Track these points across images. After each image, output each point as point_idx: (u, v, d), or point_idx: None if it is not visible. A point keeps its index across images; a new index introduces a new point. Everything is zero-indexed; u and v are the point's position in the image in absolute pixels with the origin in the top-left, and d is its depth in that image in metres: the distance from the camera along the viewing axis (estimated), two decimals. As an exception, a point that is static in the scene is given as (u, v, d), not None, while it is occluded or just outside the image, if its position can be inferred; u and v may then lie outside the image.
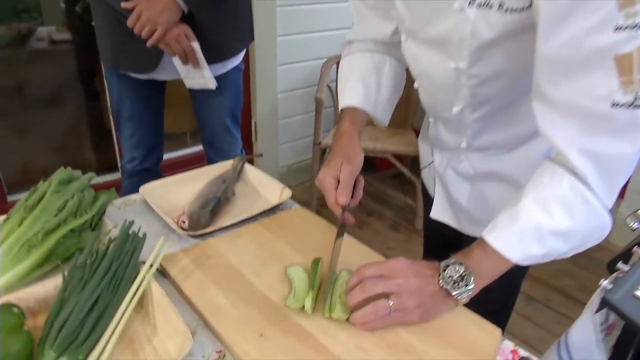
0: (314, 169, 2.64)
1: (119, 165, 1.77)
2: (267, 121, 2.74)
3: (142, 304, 0.77)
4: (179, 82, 1.59)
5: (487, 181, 1.00)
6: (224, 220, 0.96)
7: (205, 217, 0.95)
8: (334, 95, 2.67)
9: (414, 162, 2.80)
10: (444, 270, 0.71)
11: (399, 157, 2.63)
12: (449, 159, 1.06)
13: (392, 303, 0.68)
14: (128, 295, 0.74)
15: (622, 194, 2.46)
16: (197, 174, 1.15)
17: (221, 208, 1.02)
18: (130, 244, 0.83)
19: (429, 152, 1.14)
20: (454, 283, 0.70)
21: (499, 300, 1.11)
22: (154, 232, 0.94)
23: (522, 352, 0.71)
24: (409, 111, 2.77)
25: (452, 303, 0.72)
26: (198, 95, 1.70)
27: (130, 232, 0.86)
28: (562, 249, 0.69)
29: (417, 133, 2.67)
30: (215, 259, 0.85)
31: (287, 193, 1.05)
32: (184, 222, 0.91)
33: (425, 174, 1.22)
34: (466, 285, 0.70)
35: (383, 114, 1.03)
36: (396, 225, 2.72)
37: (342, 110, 0.99)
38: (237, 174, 1.14)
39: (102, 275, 0.76)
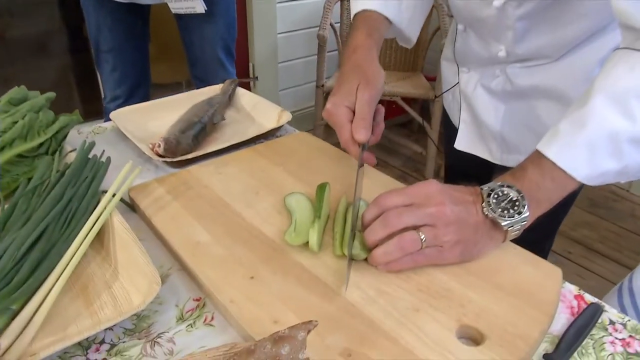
0: (318, 116, 2.45)
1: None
2: (266, 64, 2.53)
3: (103, 242, 0.61)
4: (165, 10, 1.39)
5: (527, 99, 0.83)
6: (210, 147, 0.79)
7: (186, 142, 0.77)
8: (338, 35, 2.45)
9: (423, 109, 2.61)
10: (489, 195, 0.54)
11: (408, 102, 2.43)
12: (479, 77, 0.88)
13: (423, 236, 0.52)
14: (82, 231, 0.58)
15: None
16: (180, 98, 0.97)
17: (207, 134, 0.85)
18: (90, 170, 0.67)
19: (453, 71, 0.96)
20: (503, 211, 0.53)
21: (537, 242, 0.94)
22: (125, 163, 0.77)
23: (589, 297, 0.55)
24: (418, 54, 2.56)
25: (500, 237, 0.56)
26: (186, 23, 1.50)
27: (91, 156, 0.69)
28: None
29: (427, 78, 2.50)
30: (197, 189, 0.68)
31: (287, 116, 0.87)
32: (159, 145, 0.74)
33: (448, 99, 1.04)
34: (519, 213, 0.53)
35: (409, 25, 0.82)
36: (405, 176, 2.55)
37: (355, 17, 0.78)
38: (228, 98, 0.96)
39: (50, 206, 0.60)
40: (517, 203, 0.53)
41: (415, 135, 2.79)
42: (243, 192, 0.67)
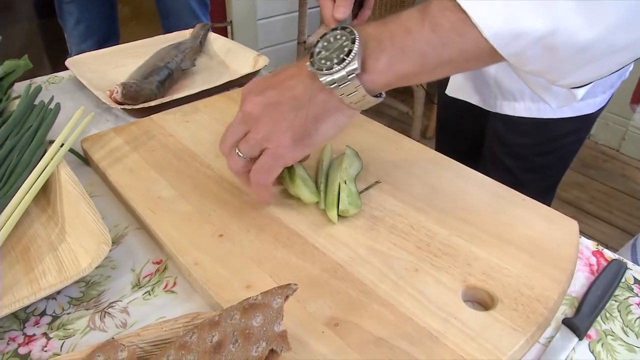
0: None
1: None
2: (244, 22, 2.39)
3: (50, 199, 0.52)
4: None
5: None
6: (177, 95, 0.70)
7: (149, 87, 0.68)
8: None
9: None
10: (316, 45, 0.41)
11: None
12: None
13: (239, 151, 0.44)
14: (24, 185, 0.49)
15: (637, 98, 2.22)
16: (145, 43, 0.87)
17: (174, 81, 0.75)
18: (36, 118, 0.57)
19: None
20: (323, 63, 0.39)
21: (546, 178, 0.87)
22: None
23: (609, 254, 0.48)
24: (406, 7, 2.43)
25: (337, 104, 0.41)
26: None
27: (38, 102, 0.60)
28: (580, 32, 0.34)
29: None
30: (160, 139, 0.59)
31: (264, 60, 0.78)
32: (117, 90, 0.64)
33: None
34: (340, 62, 0.38)
35: None
36: (393, 138, 2.47)
37: None
38: (199, 44, 0.86)
39: (-16, 157, 0.50)
40: (344, 50, 0.38)
41: (401, 96, 2.70)
42: (213, 141, 0.58)
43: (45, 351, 0.38)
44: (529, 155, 0.84)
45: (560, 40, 0.35)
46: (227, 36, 2.39)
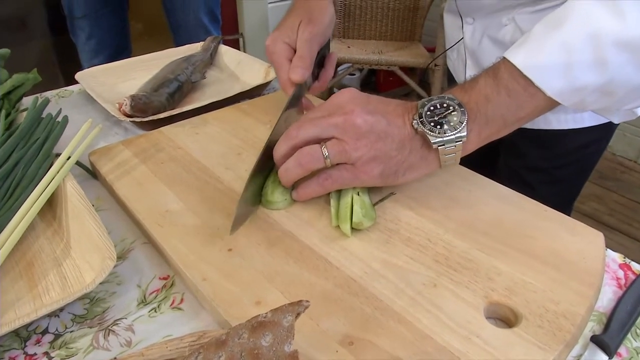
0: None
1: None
2: (256, 36, 2.40)
3: (56, 213, 0.51)
4: None
5: None
6: (187, 107, 0.69)
7: (159, 100, 0.67)
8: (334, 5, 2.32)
9: (421, 82, 2.50)
10: (424, 107, 0.44)
11: (406, 73, 2.32)
12: (485, 28, 0.78)
13: (327, 152, 0.43)
14: (30, 198, 0.48)
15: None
16: (155, 57, 0.87)
17: (184, 94, 0.75)
18: (43, 131, 0.57)
19: (457, 26, 0.86)
20: (436, 125, 0.43)
21: (565, 191, 0.85)
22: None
23: (637, 266, 0.46)
24: (416, 22, 2.43)
25: (434, 160, 0.46)
26: (167, -14, 1.38)
27: (45, 115, 0.59)
28: (633, 77, 0.41)
29: (426, 49, 2.38)
30: (169, 152, 0.58)
31: (274, 73, 0.77)
32: (125, 103, 0.64)
33: (452, 58, 0.94)
34: (454, 129, 0.43)
35: None
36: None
37: None
38: (210, 56, 0.85)
39: (-10, 171, 0.50)
40: (454, 117, 0.43)
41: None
42: (223, 153, 0.57)
43: (47, 371, 0.36)
44: (547, 168, 0.81)
45: (616, 86, 0.41)
46: (239, 49, 2.40)
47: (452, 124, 0.43)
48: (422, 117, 0.44)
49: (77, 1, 1.35)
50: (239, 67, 0.84)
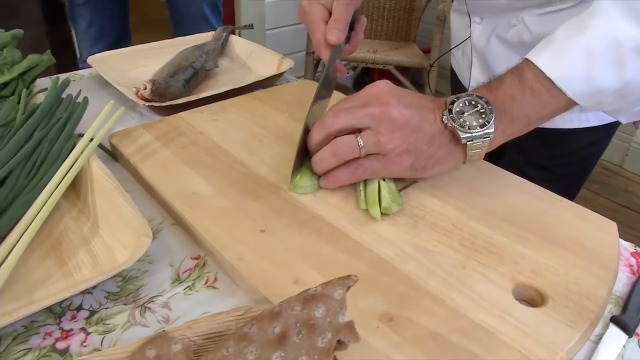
0: (307, 86, 2.34)
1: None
2: (253, 32, 2.39)
3: (80, 193, 0.51)
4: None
5: None
6: (203, 94, 0.69)
7: (176, 86, 0.67)
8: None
9: (414, 82, 2.53)
10: (453, 103, 0.46)
11: (400, 73, 2.34)
12: (494, 27, 0.79)
13: (362, 142, 0.45)
14: (54, 178, 0.48)
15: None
16: (165, 45, 0.87)
17: (199, 82, 0.75)
18: (64, 111, 0.56)
19: (465, 24, 0.87)
20: (465, 122, 0.45)
21: (566, 189, 0.87)
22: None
23: (650, 257, 0.48)
24: (411, 23, 2.46)
25: (460, 155, 0.47)
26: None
27: (65, 96, 0.59)
28: None
29: (422, 50, 2.41)
30: (190, 136, 0.58)
31: (289, 63, 0.78)
32: (145, 87, 0.64)
33: (457, 56, 0.95)
34: (482, 126, 0.45)
35: None
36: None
37: None
38: (221, 46, 0.85)
39: (15, 149, 0.50)
40: (482, 115, 0.45)
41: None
42: (245, 139, 0.58)
43: (85, 346, 0.37)
44: (549, 166, 0.83)
45: (631, 90, 0.44)
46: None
47: (480, 121, 0.45)
48: (452, 113, 0.45)
49: (78, -13, 1.34)
50: (250, 57, 0.84)
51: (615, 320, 0.39)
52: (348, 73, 2.66)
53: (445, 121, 0.46)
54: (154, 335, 0.32)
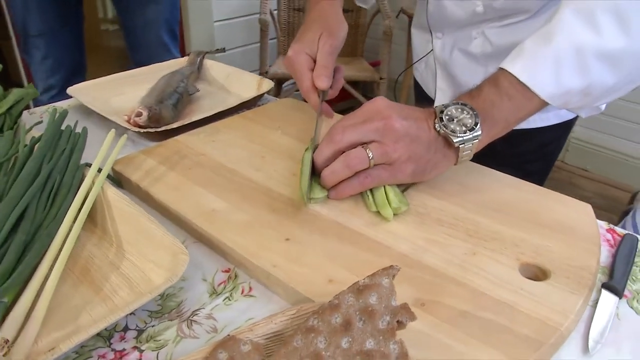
0: (262, 104, 2.37)
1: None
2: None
3: (96, 220, 0.52)
4: None
5: None
6: (194, 117, 0.71)
7: (167, 111, 0.69)
8: (276, 23, 2.39)
9: (364, 93, 2.62)
10: (442, 112, 0.51)
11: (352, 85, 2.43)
12: (455, 41, 0.86)
13: (371, 154, 0.49)
14: (72, 207, 0.49)
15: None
16: (142, 72, 0.88)
17: (184, 106, 0.77)
18: (67, 142, 0.57)
19: (426, 39, 0.94)
20: (455, 127, 0.51)
21: (534, 183, 0.95)
22: (96, 142, 0.67)
23: (620, 230, 0.55)
24: (358, 38, 2.56)
25: (453, 156, 0.53)
26: (127, 5, 1.38)
27: (64, 127, 0.60)
28: (608, 80, 0.51)
29: (371, 64, 2.50)
30: (192, 158, 0.61)
31: (268, 84, 0.81)
32: (140, 114, 0.65)
33: (420, 69, 1.02)
34: (471, 130, 0.50)
35: None
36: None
37: None
38: (197, 70, 0.88)
39: (26, 183, 0.50)
40: (470, 120, 0.51)
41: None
42: (247, 157, 0.61)
43: (139, 363, 0.38)
44: (519, 164, 0.91)
45: (594, 89, 0.51)
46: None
47: (468, 125, 0.50)
48: (443, 121, 0.51)
49: (33, 18, 1.31)
50: (228, 80, 0.87)
51: (606, 286, 0.46)
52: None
53: (438, 128, 0.51)
54: (222, 339, 0.34)
